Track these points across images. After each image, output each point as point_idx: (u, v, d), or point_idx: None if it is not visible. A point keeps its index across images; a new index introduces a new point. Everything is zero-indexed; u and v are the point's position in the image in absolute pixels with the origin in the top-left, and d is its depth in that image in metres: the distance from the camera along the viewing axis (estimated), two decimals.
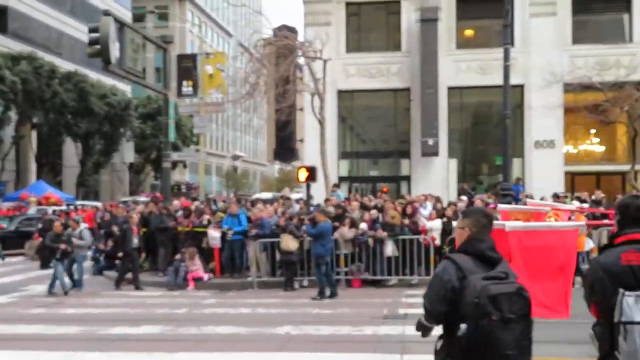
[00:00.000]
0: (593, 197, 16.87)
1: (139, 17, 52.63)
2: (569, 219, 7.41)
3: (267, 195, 32.01)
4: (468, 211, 4.03)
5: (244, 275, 13.77)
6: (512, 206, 8.83)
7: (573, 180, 21.37)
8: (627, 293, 3.16)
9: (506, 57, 16.15)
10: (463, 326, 3.29)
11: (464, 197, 16.93)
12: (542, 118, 20.62)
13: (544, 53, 20.68)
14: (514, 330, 3.27)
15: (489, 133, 22.66)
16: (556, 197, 17.03)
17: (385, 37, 23.04)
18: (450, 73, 21.44)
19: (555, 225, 6.26)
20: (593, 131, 22.46)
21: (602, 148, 22.71)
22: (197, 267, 13.78)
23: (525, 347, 3.35)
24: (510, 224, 5.36)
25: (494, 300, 3.27)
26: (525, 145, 21.28)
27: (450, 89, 21.58)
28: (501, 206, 8.74)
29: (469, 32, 22.57)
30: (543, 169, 20.62)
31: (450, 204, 15.72)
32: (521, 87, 20.95)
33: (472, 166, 23.45)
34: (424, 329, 3.54)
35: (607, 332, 3.23)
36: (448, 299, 3.38)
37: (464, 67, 21.59)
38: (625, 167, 19.70)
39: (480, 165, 23.71)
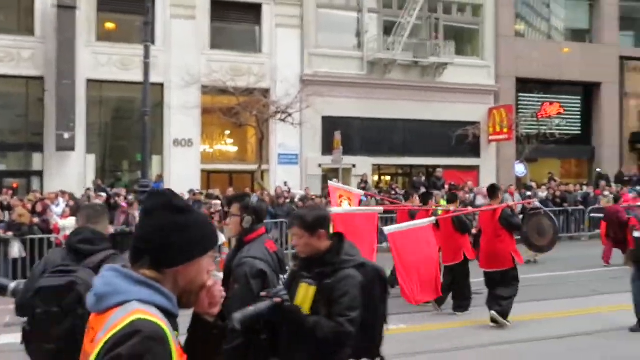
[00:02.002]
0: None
1: None
2: (360, 202, 9.59)
3: None
4: (78, 208, 4.17)
5: None
6: (338, 184, 11.03)
7: (209, 178, 22.55)
8: (285, 277, 3.60)
9: (146, 55, 16.27)
10: (24, 320, 3.41)
11: (103, 194, 16.57)
12: (181, 117, 21.30)
13: (184, 54, 21.37)
14: (63, 324, 3.30)
15: (129, 129, 22.47)
16: (192, 193, 17.82)
17: (17, 18, 21.10)
18: (89, 65, 20.65)
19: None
20: (227, 132, 24.01)
21: (234, 149, 24.42)
22: None
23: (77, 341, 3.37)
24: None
25: (38, 293, 3.35)
26: (165, 143, 21.70)
27: (89, 81, 20.78)
28: (331, 183, 10.66)
29: (110, 25, 22.05)
30: (181, 167, 21.29)
31: (88, 200, 15.17)
32: (161, 85, 21.27)
33: (112, 162, 22.94)
34: None
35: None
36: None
37: (104, 60, 21.00)
38: (254, 167, 21.55)
39: (121, 161, 23.37)
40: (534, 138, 24.96)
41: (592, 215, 20.30)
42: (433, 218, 9.08)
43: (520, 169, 25.36)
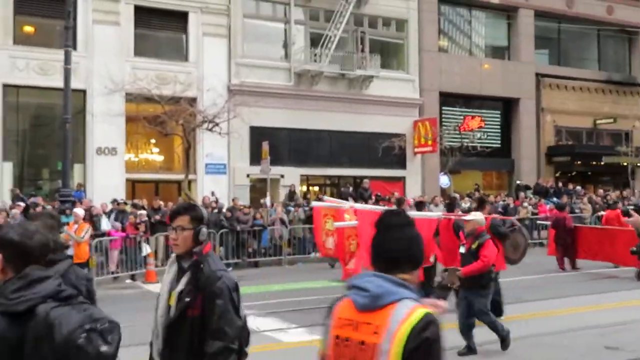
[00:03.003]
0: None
1: None
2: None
3: None
4: (34, 215, 4.17)
5: None
6: (322, 203, 11.23)
7: (134, 188, 21.98)
8: None
9: (67, 60, 15.74)
10: None
11: (21, 203, 15.91)
12: (104, 125, 20.70)
13: (107, 61, 20.75)
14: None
15: (50, 137, 21.61)
16: (116, 203, 17.34)
17: None
18: (5, 69, 19.80)
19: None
20: (153, 141, 23.48)
21: (161, 158, 23.91)
22: None
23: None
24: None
25: None
26: (87, 151, 21.02)
27: (5, 86, 19.92)
28: (315, 203, 10.93)
29: (28, 28, 21.21)
30: (105, 176, 20.66)
31: (5, 210, 14.52)
32: (83, 92, 20.63)
33: (31, 170, 21.99)
34: None
35: None
36: None
37: (21, 65, 20.16)
38: (181, 177, 21.14)
39: (41, 169, 22.43)
40: (457, 150, 25.68)
41: (539, 222, 21.40)
42: (440, 213, 10.39)
43: (444, 180, 26.03)
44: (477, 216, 8.45)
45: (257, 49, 24.07)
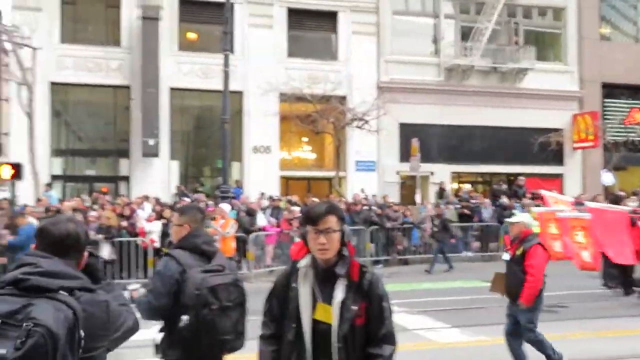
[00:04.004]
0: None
1: None
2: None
3: None
4: (184, 208, 4.13)
5: None
6: (543, 208, 11.99)
7: (287, 185, 22.78)
8: None
9: (226, 63, 16.67)
10: (184, 317, 3.51)
11: (186, 199, 17.02)
12: (260, 125, 21.67)
13: (262, 63, 21.72)
14: (231, 317, 3.60)
15: (210, 136, 23.01)
16: (272, 199, 18.08)
17: (105, 30, 22.03)
18: (172, 74, 21.32)
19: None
20: (305, 139, 24.20)
21: (312, 155, 24.58)
22: None
23: (241, 332, 3.70)
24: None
25: (213, 290, 3.55)
26: (244, 149, 22.10)
27: (172, 89, 21.45)
28: (535, 209, 11.87)
29: (191, 35, 22.72)
30: (260, 173, 21.60)
31: (170, 206, 15.64)
32: (240, 93, 21.70)
33: (194, 168, 23.59)
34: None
35: None
36: (172, 293, 3.58)
37: (185, 69, 21.63)
38: (332, 174, 21.61)
39: (202, 167, 23.99)
40: (621, 145, 23.93)
41: None
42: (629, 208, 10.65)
43: (607, 177, 24.29)
44: (524, 217, 7.25)
45: (406, 45, 23.92)
